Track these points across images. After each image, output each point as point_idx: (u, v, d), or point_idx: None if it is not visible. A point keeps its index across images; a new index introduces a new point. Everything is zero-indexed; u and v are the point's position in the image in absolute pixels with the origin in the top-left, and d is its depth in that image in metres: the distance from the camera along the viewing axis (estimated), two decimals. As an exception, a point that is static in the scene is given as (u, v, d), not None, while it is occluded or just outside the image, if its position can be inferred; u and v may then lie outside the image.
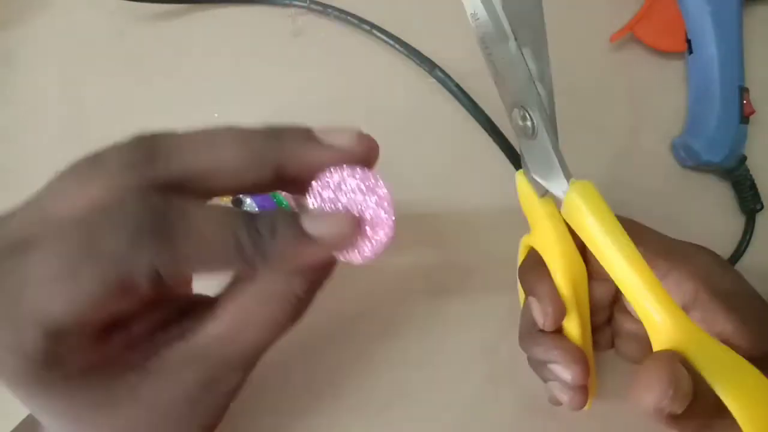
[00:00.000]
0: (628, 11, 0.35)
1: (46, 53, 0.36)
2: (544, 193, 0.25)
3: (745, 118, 0.33)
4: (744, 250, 0.34)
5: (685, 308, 0.23)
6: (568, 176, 0.24)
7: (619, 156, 0.35)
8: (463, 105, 0.34)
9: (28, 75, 0.36)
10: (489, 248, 0.34)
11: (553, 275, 0.25)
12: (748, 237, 0.34)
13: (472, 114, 0.34)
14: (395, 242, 0.33)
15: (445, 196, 0.34)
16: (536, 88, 0.21)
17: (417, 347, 0.33)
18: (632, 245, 0.22)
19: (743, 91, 0.33)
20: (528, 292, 0.26)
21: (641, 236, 0.24)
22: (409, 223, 0.34)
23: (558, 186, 0.24)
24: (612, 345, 0.27)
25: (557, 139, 0.23)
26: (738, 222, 0.35)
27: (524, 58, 0.20)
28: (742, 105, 0.33)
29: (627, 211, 0.34)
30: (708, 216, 0.35)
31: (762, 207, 0.34)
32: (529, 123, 0.22)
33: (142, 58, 0.36)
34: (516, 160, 0.34)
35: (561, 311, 0.24)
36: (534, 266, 0.25)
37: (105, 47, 0.36)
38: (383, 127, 0.35)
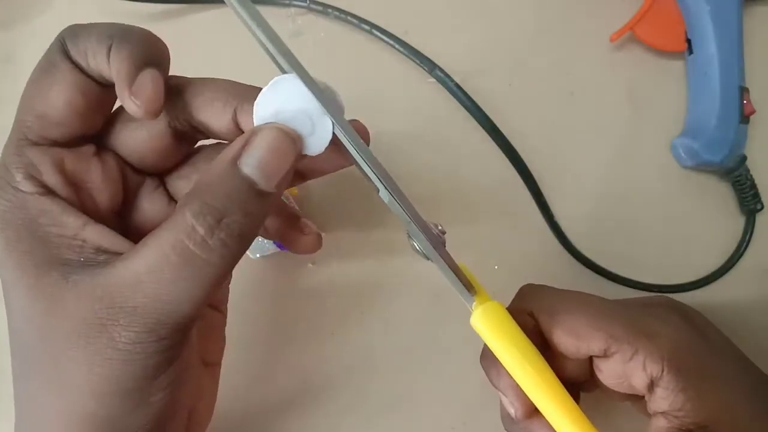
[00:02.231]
0: (628, 11, 0.35)
1: (47, 53, 0.36)
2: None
3: (745, 118, 0.33)
4: (744, 250, 0.34)
5: (651, 385, 0.24)
6: (469, 299, 0.24)
7: (619, 156, 0.35)
8: (463, 105, 0.34)
9: (29, 75, 0.36)
10: (489, 249, 0.34)
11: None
12: (748, 237, 0.34)
13: (472, 114, 0.34)
14: (394, 242, 0.34)
15: (445, 196, 0.35)
16: (413, 227, 0.22)
17: (417, 347, 0.33)
18: (540, 366, 0.23)
19: (743, 91, 0.33)
20: (494, 386, 0.26)
21: (602, 321, 0.24)
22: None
23: (468, 302, 0.24)
24: (597, 386, 0.27)
25: (451, 264, 0.24)
26: (738, 222, 0.35)
27: (397, 201, 0.22)
28: (742, 105, 0.33)
29: (627, 211, 0.35)
30: (708, 216, 0.35)
31: (762, 207, 0.34)
32: (419, 249, 0.23)
33: (142, 58, 0.36)
34: (516, 160, 0.34)
35: (529, 405, 0.24)
36: (491, 361, 0.25)
37: (105, 47, 0.36)
38: (383, 127, 0.35)
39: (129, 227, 0.24)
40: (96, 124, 0.22)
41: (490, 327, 0.24)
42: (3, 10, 0.36)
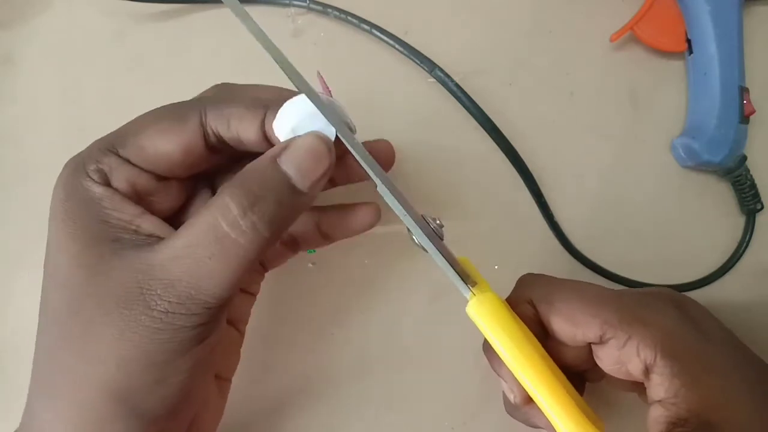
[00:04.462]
0: (628, 11, 0.35)
1: (47, 53, 0.36)
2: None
3: (745, 118, 0.33)
4: (744, 250, 0.34)
5: (646, 372, 0.24)
6: (465, 289, 0.25)
7: (619, 156, 0.35)
8: (463, 105, 0.34)
9: (29, 74, 0.36)
10: (489, 249, 0.34)
11: None
12: (748, 237, 0.34)
13: (472, 114, 0.34)
14: (394, 243, 0.34)
15: (445, 196, 0.35)
16: (409, 219, 0.24)
17: (417, 347, 0.33)
18: (531, 353, 0.24)
19: (743, 91, 0.33)
20: (495, 372, 0.26)
21: (598, 308, 0.25)
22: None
23: (463, 291, 0.25)
24: (603, 376, 0.28)
25: (447, 255, 0.24)
26: (738, 222, 0.35)
27: (392, 195, 0.24)
28: (742, 105, 0.33)
29: (627, 211, 0.35)
30: (708, 216, 0.35)
31: (762, 207, 0.34)
32: (417, 242, 0.24)
33: (142, 58, 0.36)
34: (516, 160, 0.34)
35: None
36: (492, 350, 0.25)
37: (105, 47, 0.36)
38: (383, 127, 0.35)
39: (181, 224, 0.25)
40: (178, 175, 0.24)
41: (484, 316, 0.24)
42: (3, 10, 0.36)
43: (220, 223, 0.20)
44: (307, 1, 0.35)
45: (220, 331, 0.23)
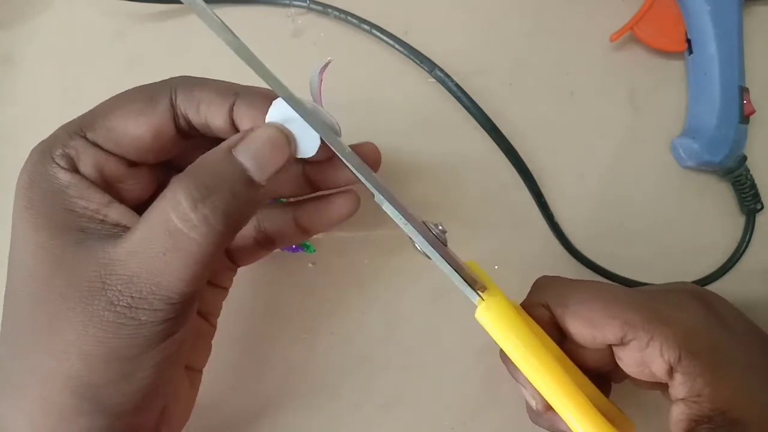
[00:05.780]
0: (628, 11, 0.35)
1: (47, 53, 0.36)
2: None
3: (745, 118, 0.33)
4: (744, 250, 0.34)
5: (669, 371, 0.23)
6: (473, 295, 0.24)
7: (619, 156, 0.35)
8: (463, 105, 0.34)
9: (29, 74, 0.36)
10: (490, 249, 0.34)
11: None
12: (748, 237, 0.34)
13: (472, 114, 0.34)
14: (394, 242, 0.34)
15: (445, 196, 0.35)
16: (410, 227, 0.24)
17: (417, 347, 0.33)
18: (545, 358, 0.23)
19: (743, 91, 0.33)
20: (514, 379, 0.26)
21: (617, 309, 0.24)
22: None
23: (471, 297, 0.25)
24: (626, 376, 0.27)
25: (451, 261, 0.24)
26: (738, 222, 0.35)
27: (391, 205, 0.23)
28: (742, 105, 0.33)
29: (627, 211, 0.35)
30: (708, 216, 0.35)
31: (762, 207, 0.34)
32: (419, 249, 0.24)
33: (142, 58, 0.36)
34: (516, 160, 0.34)
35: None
36: (508, 357, 0.25)
37: (105, 47, 0.36)
38: (383, 127, 0.35)
39: None
40: (147, 160, 0.24)
41: (493, 321, 0.24)
42: (3, 10, 0.36)
43: (171, 217, 0.20)
44: (307, 1, 0.35)
45: (189, 326, 0.22)
